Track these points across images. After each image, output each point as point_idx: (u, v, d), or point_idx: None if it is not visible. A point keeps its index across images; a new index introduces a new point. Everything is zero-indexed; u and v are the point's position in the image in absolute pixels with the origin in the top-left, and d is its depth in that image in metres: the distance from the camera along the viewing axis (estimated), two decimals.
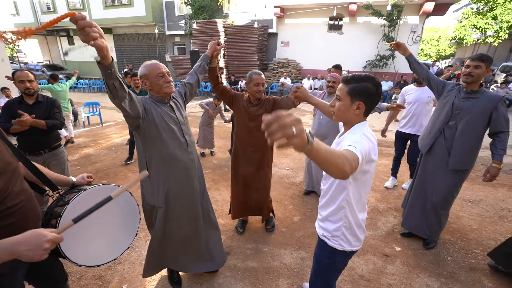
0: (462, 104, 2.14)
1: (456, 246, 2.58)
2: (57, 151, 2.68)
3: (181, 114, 1.76)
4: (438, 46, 31.54)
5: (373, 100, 1.19)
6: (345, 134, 1.25)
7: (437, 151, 2.31)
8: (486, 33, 12.53)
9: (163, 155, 1.65)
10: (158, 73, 1.59)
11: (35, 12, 17.49)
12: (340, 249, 1.33)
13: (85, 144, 5.65)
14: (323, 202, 1.38)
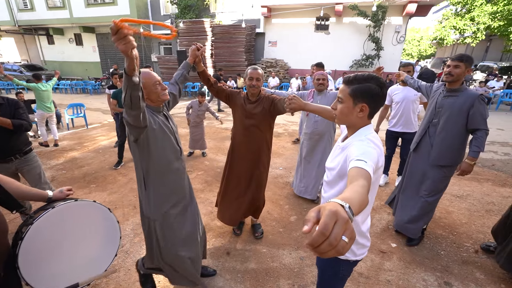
0: (443, 101, 2.24)
1: (448, 240, 2.67)
2: (29, 156, 2.51)
3: (173, 123, 1.74)
4: (419, 46, 32.62)
5: (377, 101, 1.11)
6: (350, 140, 1.16)
7: (423, 148, 2.40)
8: (464, 34, 13.06)
9: (161, 164, 1.61)
10: (154, 82, 1.54)
11: (10, 9, 16.67)
12: (343, 259, 1.28)
13: (70, 147, 5.44)
14: None
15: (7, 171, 2.36)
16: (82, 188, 3.67)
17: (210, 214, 3.08)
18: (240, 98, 2.32)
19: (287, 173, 4.22)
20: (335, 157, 1.23)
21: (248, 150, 2.37)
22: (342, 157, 1.15)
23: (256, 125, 2.27)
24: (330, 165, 1.25)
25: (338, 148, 1.25)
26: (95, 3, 14.77)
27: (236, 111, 2.35)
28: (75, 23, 15.64)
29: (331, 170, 1.22)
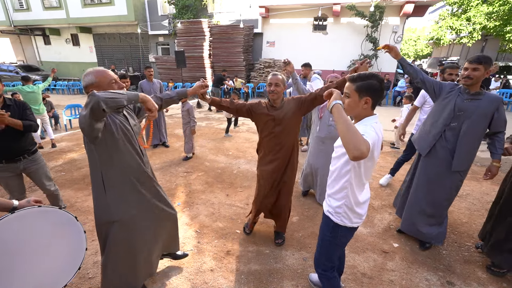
0: (466, 105, 2.11)
1: (449, 240, 2.68)
2: (36, 156, 2.60)
3: (134, 124, 1.71)
4: (416, 46, 32.83)
5: (378, 94, 1.35)
6: (356, 125, 1.38)
7: (439, 153, 2.27)
8: (460, 34, 13.16)
9: (120, 165, 1.58)
10: (110, 80, 1.50)
11: (6, 9, 16.49)
12: (341, 224, 1.50)
13: (69, 149, 5.39)
14: (330, 181, 1.56)
15: (15, 171, 2.47)
16: (82, 190, 3.64)
17: (212, 215, 3.07)
18: (263, 107, 2.22)
19: None
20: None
21: (281, 156, 2.27)
22: None
23: (286, 130, 2.19)
24: (337, 144, 1.50)
25: None
26: (92, 3, 14.67)
27: (261, 121, 2.23)
28: (71, 24, 15.52)
29: (338, 147, 1.48)
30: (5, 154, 2.37)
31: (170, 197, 3.43)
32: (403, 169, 4.37)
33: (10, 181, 2.49)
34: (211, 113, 9.11)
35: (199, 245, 2.57)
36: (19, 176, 2.55)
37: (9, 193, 2.55)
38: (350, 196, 1.45)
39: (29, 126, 2.39)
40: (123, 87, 1.57)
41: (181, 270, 2.26)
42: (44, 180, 2.69)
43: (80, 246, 1.39)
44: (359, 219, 1.52)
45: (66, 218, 1.34)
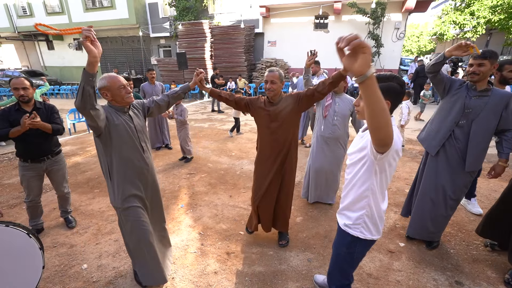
0: (474, 102, 2.04)
1: (457, 238, 2.63)
2: (58, 157, 2.71)
3: (139, 123, 1.88)
4: (419, 42, 32.49)
5: (398, 98, 1.25)
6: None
7: (448, 153, 2.19)
8: (464, 29, 12.96)
9: (122, 159, 1.77)
10: (119, 86, 1.70)
11: (10, 16, 16.72)
12: (361, 237, 1.37)
13: (73, 152, 5.43)
14: (347, 191, 1.41)
15: (39, 170, 2.59)
16: (85, 194, 3.65)
17: (215, 217, 3.05)
18: (260, 103, 2.23)
19: None
20: (356, 144, 1.37)
21: (278, 153, 2.24)
22: (363, 140, 1.29)
23: (283, 126, 2.17)
24: (352, 150, 1.39)
25: (359, 136, 1.39)
26: (93, 8, 14.79)
27: (259, 116, 2.24)
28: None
29: (353, 153, 1.36)
30: (32, 154, 2.50)
31: (173, 199, 3.44)
32: (408, 167, 4.32)
33: (32, 181, 2.58)
34: (214, 114, 9.11)
35: (202, 247, 2.56)
36: (41, 177, 2.65)
37: (27, 193, 2.61)
38: (372, 205, 1.32)
39: (57, 130, 2.54)
40: (130, 92, 1.76)
41: (185, 272, 2.24)
42: (62, 181, 2.80)
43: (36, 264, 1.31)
44: (379, 233, 1.39)
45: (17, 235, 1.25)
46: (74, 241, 2.66)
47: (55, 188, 2.81)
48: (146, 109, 2.01)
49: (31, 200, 2.62)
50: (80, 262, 2.37)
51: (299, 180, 3.96)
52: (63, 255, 2.47)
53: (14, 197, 3.57)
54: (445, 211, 2.32)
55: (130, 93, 1.75)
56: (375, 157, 1.16)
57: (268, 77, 2.10)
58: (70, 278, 2.20)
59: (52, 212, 3.12)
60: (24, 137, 2.39)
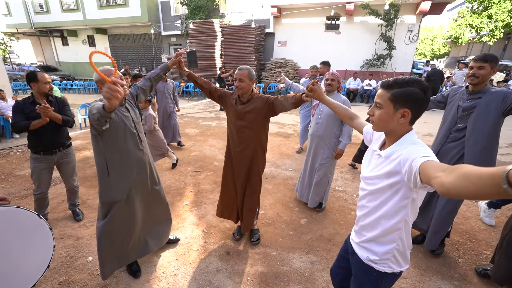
0: (467, 104, 2.08)
1: (465, 247, 2.56)
2: (69, 150, 2.79)
3: (135, 114, 1.95)
4: (433, 45, 31.87)
5: (421, 106, 1.04)
6: (397, 146, 1.07)
7: (448, 156, 2.20)
8: (481, 32, 12.65)
9: (121, 151, 1.84)
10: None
11: (27, 12, 17.18)
12: (389, 272, 1.19)
13: (83, 147, 5.53)
14: (369, 221, 1.19)
15: (50, 162, 2.66)
16: (93, 188, 3.72)
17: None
18: (232, 99, 2.24)
19: (297, 175, 4.15)
20: (376, 165, 1.14)
21: (241, 151, 2.27)
22: (391, 164, 1.06)
23: (248, 126, 2.18)
24: (371, 174, 1.16)
25: (378, 156, 1.15)
26: (107, 5, 15.04)
27: (228, 112, 2.29)
28: (88, 25, 15.97)
29: (375, 178, 1.13)
30: (44, 146, 2.58)
31: (178, 196, 3.46)
32: None
33: (43, 174, 2.65)
34: (222, 113, 9.14)
35: (205, 245, 2.56)
36: (51, 169, 2.72)
37: (37, 185, 2.67)
38: (404, 237, 1.13)
39: (67, 121, 2.60)
40: (123, 84, 1.70)
41: (188, 269, 2.25)
42: (72, 174, 2.88)
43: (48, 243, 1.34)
44: (408, 262, 1.20)
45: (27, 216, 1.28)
46: (81, 234, 2.70)
47: (65, 180, 2.88)
48: (135, 96, 2.07)
49: (41, 193, 2.69)
50: (85, 255, 2.41)
51: None
52: (70, 247, 2.51)
53: (26, 188, 3.66)
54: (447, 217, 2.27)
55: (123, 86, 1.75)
56: (416, 185, 0.92)
57: (236, 75, 2.09)
58: (75, 269, 2.24)
59: (61, 204, 3.18)
60: (38, 129, 2.45)
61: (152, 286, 2.08)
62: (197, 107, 10.01)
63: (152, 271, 2.22)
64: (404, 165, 0.97)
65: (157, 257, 2.39)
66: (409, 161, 0.94)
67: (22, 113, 2.45)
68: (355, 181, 3.94)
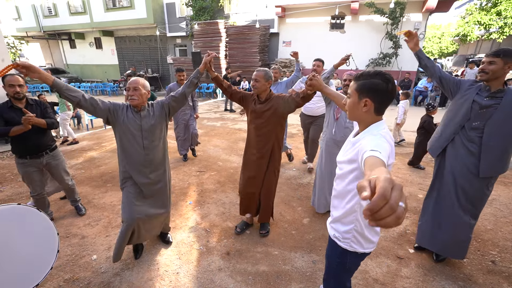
0: (487, 102, 1.91)
1: (471, 247, 2.51)
2: (56, 152, 2.79)
3: (147, 122, 2.04)
4: (440, 43, 31.34)
5: (382, 97, 1.13)
6: (362, 134, 1.20)
7: (458, 155, 2.06)
8: (490, 29, 12.38)
9: (123, 149, 2.04)
10: (127, 88, 1.98)
11: (36, 16, 17.53)
12: (351, 250, 1.32)
13: (89, 147, 5.62)
14: (335, 203, 1.36)
15: (38, 166, 2.66)
16: (99, 187, 3.77)
17: (222, 215, 3.07)
18: (251, 100, 2.37)
19: (301, 174, 4.15)
20: (346, 151, 1.27)
21: (259, 150, 2.39)
22: (353, 151, 1.19)
23: (266, 125, 2.30)
24: (341, 159, 1.29)
25: (349, 143, 1.28)
26: (114, 8, 15.24)
27: (248, 111, 2.41)
28: (95, 27, 16.21)
29: (343, 163, 1.27)
30: (30, 150, 2.55)
31: (182, 196, 3.49)
32: (422, 172, 4.18)
33: (33, 176, 2.64)
34: (226, 114, 9.17)
35: (208, 244, 2.58)
36: (41, 171, 2.72)
37: (31, 188, 2.70)
38: (361, 220, 1.25)
39: (51, 123, 2.58)
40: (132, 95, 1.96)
41: (190, 268, 2.27)
42: (63, 174, 2.88)
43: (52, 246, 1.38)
44: (372, 244, 1.32)
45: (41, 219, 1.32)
46: (86, 233, 2.75)
47: (59, 182, 2.89)
48: (166, 107, 2.13)
49: (38, 194, 2.70)
50: (90, 253, 2.45)
51: (308, 181, 3.93)
52: (75, 245, 2.56)
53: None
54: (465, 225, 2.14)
55: (131, 96, 1.95)
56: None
57: (254, 75, 2.24)
58: (80, 267, 2.28)
59: (67, 204, 3.24)
60: (22, 134, 2.39)
61: (155, 284, 2.10)
62: (202, 108, 10.07)
63: (154, 269, 2.25)
64: (359, 154, 1.07)
65: (159, 255, 2.41)
66: (361, 152, 1.04)
67: (0, 118, 2.39)
68: None
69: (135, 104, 1.97)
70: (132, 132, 2.00)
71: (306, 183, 3.85)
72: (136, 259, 2.35)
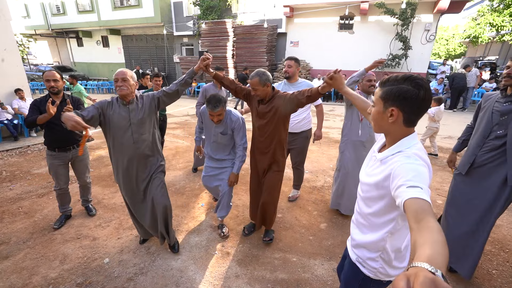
0: (507, 108, 1.85)
1: (499, 258, 2.40)
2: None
3: (136, 115, 2.02)
4: (447, 45, 30.95)
5: (413, 105, 0.93)
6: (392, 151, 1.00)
7: (484, 168, 1.97)
8: (501, 31, 12.16)
9: (114, 145, 2.03)
10: (114, 79, 1.93)
11: (45, 14, 17.63)
12: (375, 279, 1.17)
13: (97, 146, 5.57)
14: (361, 225, 1.18)
15: (65, 159, 2.72)
16: (108, 187, 3.71)
17: (236, 218, 2.98)
18: (256, 100, 2.28)
19: (314, 177, 4.05)
20: (372, 170, 1.09)
21: (263, 150, 2.34)
22: (382, 173, 1.01)
23: (269, 125, 2.23)
24: (366, 180, 1.11)
25: (374, 159, 1.10)
26: (121, 6, 15.26)
27: (252, 110, 2.36)
28: (102, 26, 16.25)
29: (368, 185, 1.10)
30: (59, 143, 2.64)
31: (193, 198, 3.40)
32: (439, 176, 4.06)
33: (59, 169, 2.70)
34: None
35: (223, 248, 2.49)
36: (66, 165, 2.77)
37: (56, 181, 2.73)
38: (388, 248, 1.10)
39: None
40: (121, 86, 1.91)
41: (205, 274, 2.18)
42: (85, 171, 2.93)
43: None
44: (398, 271, 1.15)
45: None
46: (97, 234, 2.68)
47: (78, 177, 2.93)
48: (156, 99, 2.09)
49: (61, 188, 2.75)
50: (102, 256, 2.37)
51: (322, 184, 3.82)
52: (86, 247, 2.49)
53: (43, 186, 3.68)
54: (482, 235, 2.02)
55: (120, 87, 1.91)
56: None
57: (249, 84, 2.14)
58: (92, 271, 2.20)
59: (77, 204, 3.17)
60: (53, 126, 2.54)
61: None
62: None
63: (169, 276, 2.16)
64: (392, 182, 0.92)
65: (174, 260, 2.33)
66: (395, 181, 0.89)
67: (37, 110, 2.52)
68: None
69: (124, 94, 1.93)
70: (120, 126, 1.98)
71: (320, 186, 3.75)
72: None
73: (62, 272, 2.18)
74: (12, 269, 2.21)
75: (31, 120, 2.47)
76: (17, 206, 3.15)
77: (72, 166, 2.86)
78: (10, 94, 6.06)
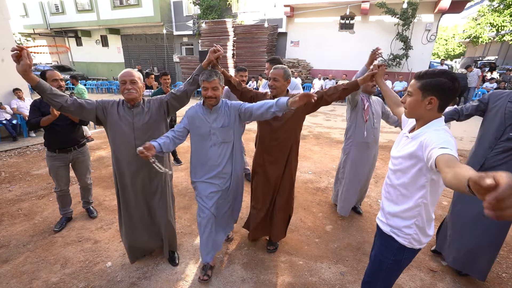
0: None
1: (509, 261, 2.36)
2: (83, 148, 2.79)
3: (140, 120, 1.87)
4: (447, 45, 30.99)
5: (447, 94, 1.15)
6: (423, 129, 1.20)
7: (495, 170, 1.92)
8: (501, 31, 12.17)
9: (114, 148, 1.91)
10: (121, 80, 1.79)
11: (44, 13, 17.51)
12: (409, 247, 1.30)
13: (97, 146, 5.51)
14: (394, 197, 1.33)
15: (65, 161, 2.66)
16: (110, 188, 3.65)
17: (240, 220, 2.91)
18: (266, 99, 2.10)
19: (317, 178, 4.00)
20: (403, 146, 1.28)
21: (274, 155, 2.17)
22: (414, 145, 1.19)
23: (285, 127, 2.08)
24: (397, 154, 1.30)
25: (405, 137, 1.29)
26: (120, 6, 15.17)
27: None
28: (101, 25, 16.15)
29: (400, 158, 1.28)
30: (60, 144, 2.58)
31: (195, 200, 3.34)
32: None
33: (60, 171, 2.64)
34: None
35: (227, 251, 2.44)
36: (67, 167, 2.72)
37: (57, 183, 2.68)
38: (423, 214, 1.25)
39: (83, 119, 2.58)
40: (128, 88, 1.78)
41: (211, 278, 2.13)
42: (86, 172, 2.88)
43: None
44: (428, 239, 1.32)
45: None
46: (99, 237, 2.62)
47: (79, 179, 2.87)
48: (165, 104, 1.95)
49: (61, 190, 2.70)
50: (104, 259, 2.32)
51: (325, 185, 3.78)
52: (88, 250, 2.43)
53: (43, 188, 3.63)
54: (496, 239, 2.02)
55: (127, 90, 1.78)
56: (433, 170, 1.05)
57: (272, 74, 2.00)
58: (95, 275, 2.15)
59: (78, 206, 3.12)
60: (54, 127, 2.49)
61: None
62: None
63: (173, 280, 2.12)
64: (425, 150, 1.09)
65: (178, 264, 2.28)
66: (429, 147, 1.06)
67: (38, 111, 2.48)
68: (378, 186, 3.75)
69: (133, 98, 1.79)
70: (123, 130, 1.84)
71: (324, 187, 3.71)
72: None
73: (63, 277, 2.13)
74: (12, 274, 2.16)
75: (34, 122, 2.42)
76: (17, 208, 3.10)
77: (72, 167, 2.80)
78: (9, 94, 5.99)
